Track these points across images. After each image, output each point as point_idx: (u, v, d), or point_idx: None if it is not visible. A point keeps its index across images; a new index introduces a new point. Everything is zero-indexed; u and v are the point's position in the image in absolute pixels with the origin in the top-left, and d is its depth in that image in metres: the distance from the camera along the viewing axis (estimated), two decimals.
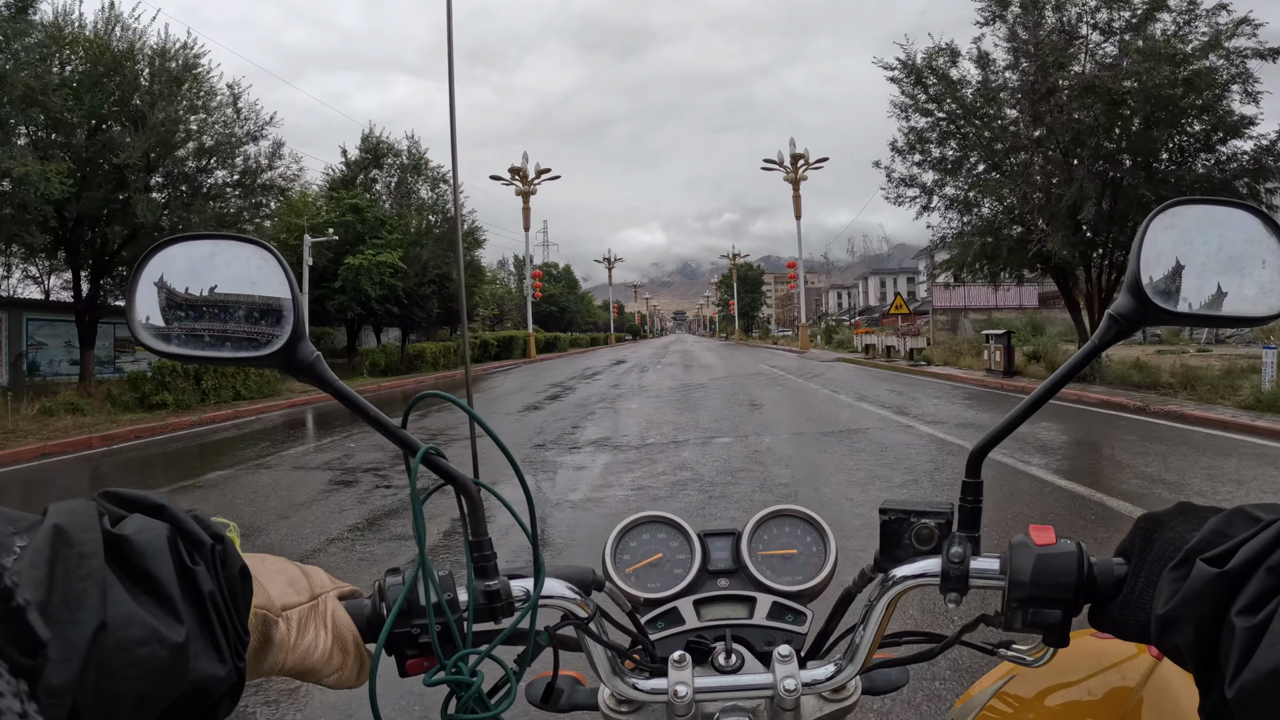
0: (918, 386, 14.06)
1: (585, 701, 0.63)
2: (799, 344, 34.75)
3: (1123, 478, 5.68)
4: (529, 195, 36.28)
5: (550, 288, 58.75)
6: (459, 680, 0.49)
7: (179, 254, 0.48)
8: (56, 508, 0.32)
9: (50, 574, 0.28)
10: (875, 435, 8.16)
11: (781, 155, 35.70)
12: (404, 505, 5.29)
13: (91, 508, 0.34)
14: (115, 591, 0.32)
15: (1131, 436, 7.68)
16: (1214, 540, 0.39)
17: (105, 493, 0.38)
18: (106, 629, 0.30)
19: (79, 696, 0.28)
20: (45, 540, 0.29)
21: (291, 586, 0.48)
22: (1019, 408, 0.53)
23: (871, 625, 0.55)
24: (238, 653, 0.39)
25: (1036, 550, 0.49)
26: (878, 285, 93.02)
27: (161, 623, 0.33)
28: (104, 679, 0.30)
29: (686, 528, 0.67)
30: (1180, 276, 0.50)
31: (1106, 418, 9.15)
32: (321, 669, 0.48)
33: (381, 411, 0.51)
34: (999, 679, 0.79)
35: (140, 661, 0.31)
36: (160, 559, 0.35)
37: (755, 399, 12.48)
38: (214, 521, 0.41)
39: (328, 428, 10.27)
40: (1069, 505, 4.88)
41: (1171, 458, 6.39)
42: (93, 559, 0.31)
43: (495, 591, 0.52)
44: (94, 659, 0.29)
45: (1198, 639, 0.37)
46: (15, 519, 0.30)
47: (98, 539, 0.32)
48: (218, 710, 0.38)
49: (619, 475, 6.29)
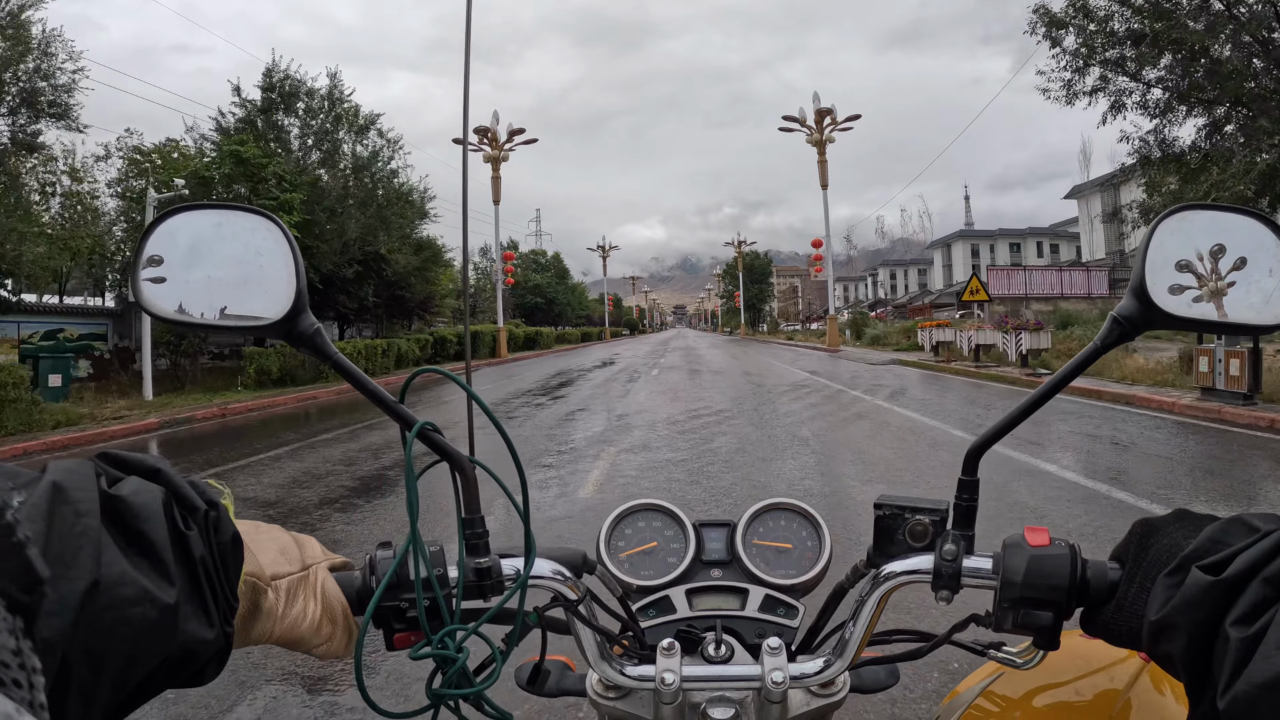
0: (1123, 423, 7.92)
1: (573, 686, 0.63)
2: (826, 339, 28.73)
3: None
4: (499, 161, 30.10)
5: (536, 277, 52.64)
6: (444, 655, 0.49)
7: (185, 223, 0.48)
8: (55, 465, 0.32)
9: (47, 528, 0.28)
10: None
11: (803, 113, 29.50)
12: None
13: (89, 468, 0.34)
14: (109, 551, 0.32)
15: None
16: (1211, 548, 0.39)
17: (103, 454, 0.39)
18: (99, 586, 0.30)
19: (70, 651, 0.28)
20: (43, 495, 0.29)
21: (283, 555, 0.48)
22: (1020, 406, 0.52)
23: (862, 621, 0.55)
24: (226, 618, 0.39)
25: (1030, 551, 0.49)
26: (887, 277, 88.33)
27: (153, 584, 0.33)
28: (94, 636, 0.30)
29: (682, 517, 0.67)
30: (1185, 281, 0.49)
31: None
32: (310, 639, 0.48)
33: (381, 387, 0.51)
34: (986, 677, 0.79)
35: (131, 621, 0.32)
36: (154, 521, 0.35)
37: (834, 444, 6.56)
38: (209, 488, 0.42)
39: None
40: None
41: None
42: (89, 517, 0.31)
43: (486, 569, 0.52)
44: (86, 615, 0.29)
45: (1190, 647, 0.37)
46: (14, 474, 0.30)
47: (94, 498, 0.32)
48: (204, 673, 0.39)
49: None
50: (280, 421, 10.57)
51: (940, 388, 12.39)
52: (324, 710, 2.41)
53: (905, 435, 7.37)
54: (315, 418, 10.85)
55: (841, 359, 21.53)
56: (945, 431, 7.47)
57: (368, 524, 4.67)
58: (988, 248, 70.88)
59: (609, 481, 5.67)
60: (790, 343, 39.42)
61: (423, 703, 0.51)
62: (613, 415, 9.89)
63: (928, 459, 6.16)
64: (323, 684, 2.59)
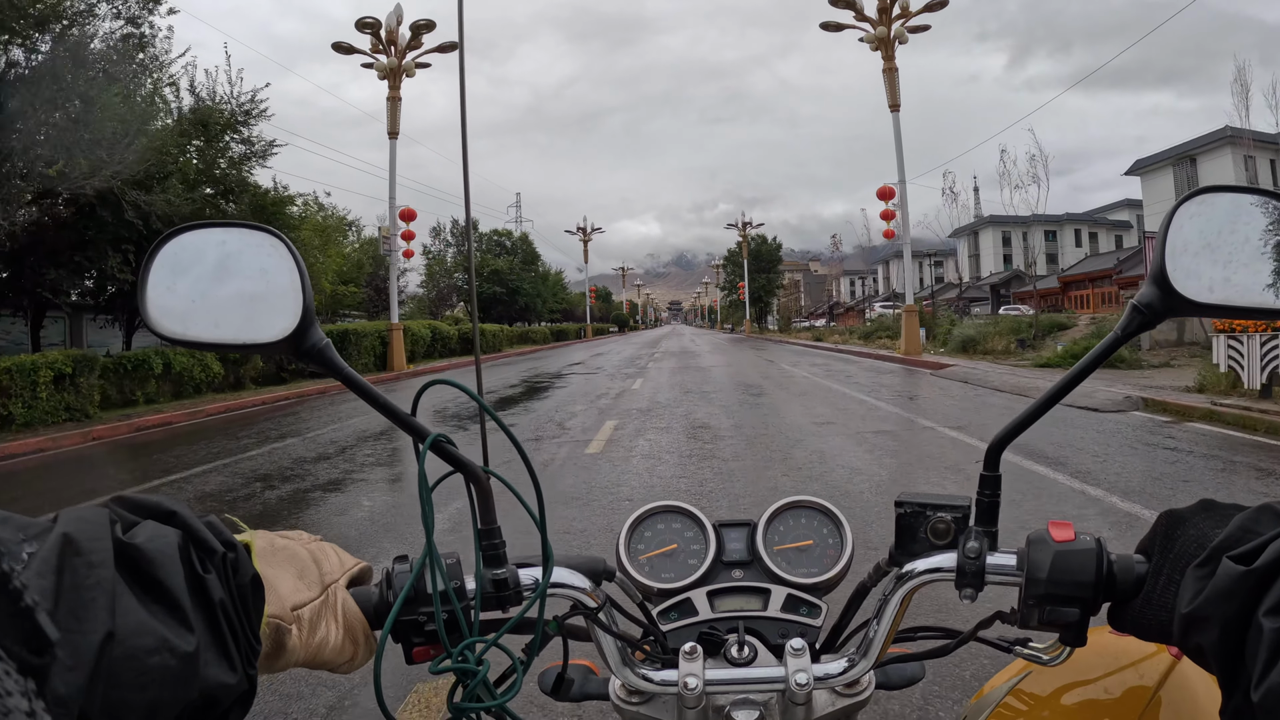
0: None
1: (597, 692, 0.63)
2: (902, 345, 18.39)
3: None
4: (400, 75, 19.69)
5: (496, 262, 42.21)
6: (465, 668, 0.49)
7: (191, 241, 0.49)
8: (67, 515, 0.32)
9: (57, 583, 0.28)
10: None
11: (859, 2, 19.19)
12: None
13: (103, 515, 0.34)
14: (125, 600, 0.31)
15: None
16: (1241, 537, 0.38)
17: (117, 498, 0.38)
18: (115, 638, 0.29)
19: (88, 705, 0.28)
20: (53, 549, 0.29)
21: (302, 580, 0.47)
22: (1040, 400, 0.51)
23: (885, 619, 0.54)
24: (249, 660, 0.39)
25: (1055, 547, 0.48)
26: (900, 269, 78.77)
27: (171, 631, 0.33)
28: (113, 688, 0.29)
29: (702, 518, 0.66)
30: (1206, 267, 0.47)
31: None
32: (332, 660, 0.48)
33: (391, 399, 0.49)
34: (1014, 676, 0.78)
35: (149, 670, 0.31)
36: (171, 567, 0.35)
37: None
38: (225, 528, 0.41)
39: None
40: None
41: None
42: (102, 568, 0.30)
43: (503, 580, 0.52)
44: (102, 668, 0.28)
45: (1223, 639, 0.36)
46: (25, 525, 0.30)
47: (108, 547, 0.32)
48: (229, 718, 0.38)
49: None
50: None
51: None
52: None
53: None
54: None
55: (1000, 395, 11.21)
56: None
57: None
58: (1020, 235, 61.89)
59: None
60: (820, 345, 29.02)
61: (445, 716, 0.50)
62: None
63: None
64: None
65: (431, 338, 24.15)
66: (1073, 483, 4.84)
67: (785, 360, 19.95)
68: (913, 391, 11.16)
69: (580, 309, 65.27)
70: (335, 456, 6.82)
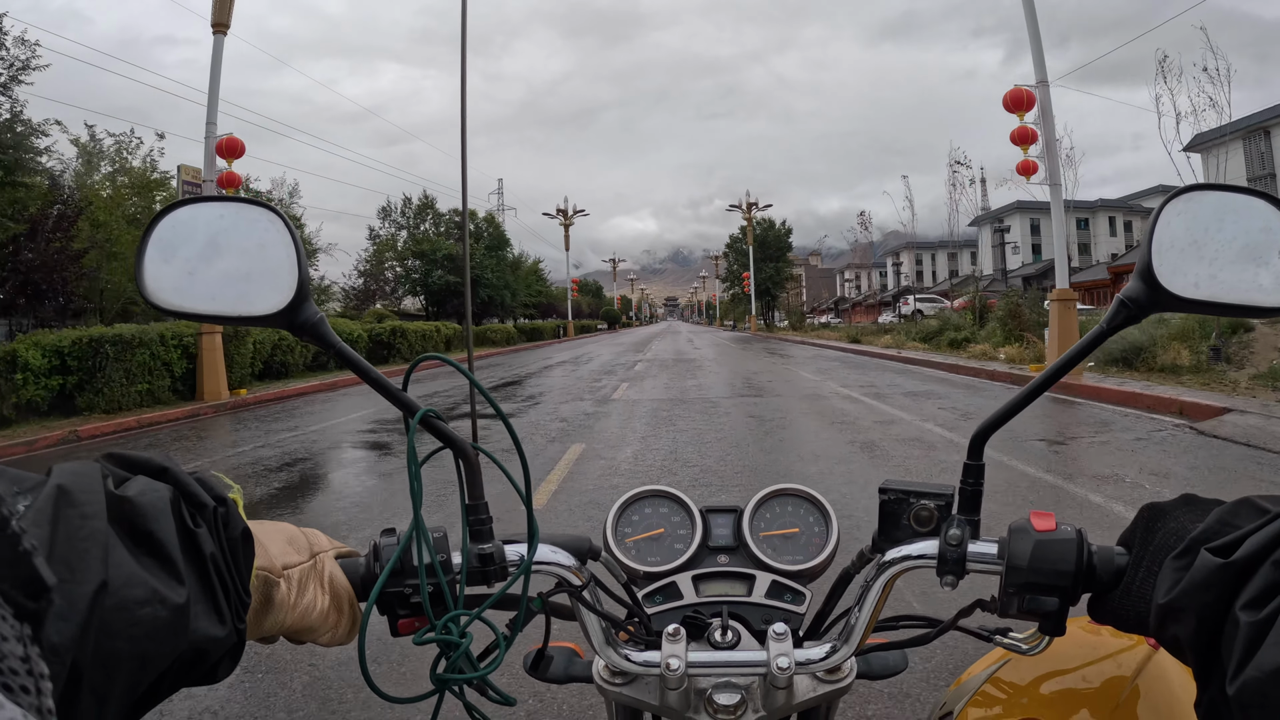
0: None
1: (579, 673, 0.63)
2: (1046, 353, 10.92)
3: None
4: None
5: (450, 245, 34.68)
6: (448, 641, 0.50)
7: (187, 216, 0.49)
8: (60, 469, 0.32)
9: (52, 533, 0.28)
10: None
11: None
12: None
13: (95, 469, 0.34)
14: (117, 552, 0.32)
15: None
16: (1219, 530, 0.38)
17: (109, 455, 0.39)
18: (108, 588, 0.29)
19: (80, 655, 0.28)
20: (48, 500, 0.29)
21: (291, 545, 0.48)
22: (1024, 390, 0.53)
23: (867, 606, 0.55)
24: (238, 614, 0.39)
25: (1036, 536, 0.48)
26: (912, 261, 72.92)
27: (163, 583, 0.33)
28: (105, 638, 0.30)
29: (689, 503, 0.67)
30: (1193, 263, 0.48)
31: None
32: (319, 628, 0.48)
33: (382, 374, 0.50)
34: (993, 663, 0.78)
35: (141, 621, 0.31)
36: (162, 520, 0.35)
37: None
38: (216, 483, 0.41)
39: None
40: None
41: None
42: (95, 519, 0.31)
43: (489, 555, 0.53)
44: (95, 618, 0.28)
45: (1199, 631, 0.36)
46: (19, 479, 0.30)
47: (100, 499, 0.32)
48: (218, 670, 0.39)
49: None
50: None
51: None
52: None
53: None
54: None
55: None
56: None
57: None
58: (1049, 223, 55.23)
59: None
60: (869, 351, 19.81)
61: (427, 688, 0.51)
62: None
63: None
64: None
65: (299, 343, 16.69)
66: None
67: (845, 380, 11.97)
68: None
69: (566, 304, 57.49)
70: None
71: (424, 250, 33.24)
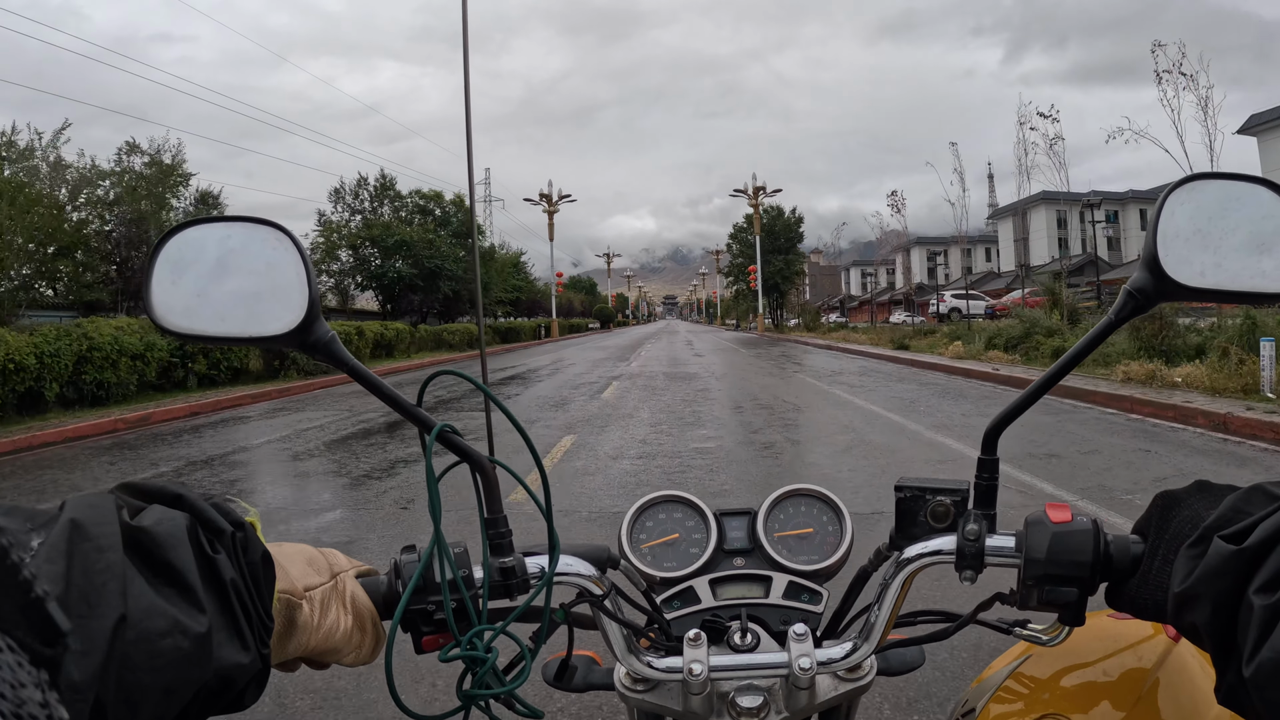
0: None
1: (601, 681, 0.63)
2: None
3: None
4: None
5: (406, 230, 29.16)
6: (473, 656, 0.50)
7: (194, 236, 0.49)
8: (73, 502, 0.32)
9: (68, 569, 0.28)
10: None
11: None
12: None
13: (109, 500, 0.33)
14: (135, 584, 0.31)
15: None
16: (1232, 517, 0.39)
17: (123, 485, 0.38)
18: (127, 622, 0.29)
19: (103, 691, 0.28)
20: (61, 535, 0.29)
21: (311, 567, 0.48)
22: (1036, 384, 0.53)
23: (886, 604, 0.55)
24: (262, 639, 0.39)
25: (1052, 528, 0.49)
26: (922, 259, 67.78)
27: (183, 613, 0.33)
28: (127, 671, 0.29)
29: (703, 507, 0.67)
30: (1198, 252, 0.48)
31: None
32: (342, 649, 0.48)
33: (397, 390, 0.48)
34: (1015, 659, 0.78)
35: (163, 653, 0.31)
36: (180, 549, 0.35)
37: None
38: (233, 508, 0.41)
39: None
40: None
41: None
42: (110, 552, 0.30)
43: (510, 568, 0.53)
44: (116, 652, 0.28)
45: (1215, 617, 0.37)
46: (31, 515, 0.30)
47: (115, 532, 0.31)
48: (244, 697, 0.38)
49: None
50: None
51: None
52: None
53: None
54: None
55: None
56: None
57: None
58: (1076, 215, 50.06)
59: None
60: (936, 364, 13.58)
61: (453, 704, 0.50)
62: None
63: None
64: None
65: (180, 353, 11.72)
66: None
67: (950, 421, 7.16)
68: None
69: (567, 301, 51.39)
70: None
71: (375, 236, 27.71)
